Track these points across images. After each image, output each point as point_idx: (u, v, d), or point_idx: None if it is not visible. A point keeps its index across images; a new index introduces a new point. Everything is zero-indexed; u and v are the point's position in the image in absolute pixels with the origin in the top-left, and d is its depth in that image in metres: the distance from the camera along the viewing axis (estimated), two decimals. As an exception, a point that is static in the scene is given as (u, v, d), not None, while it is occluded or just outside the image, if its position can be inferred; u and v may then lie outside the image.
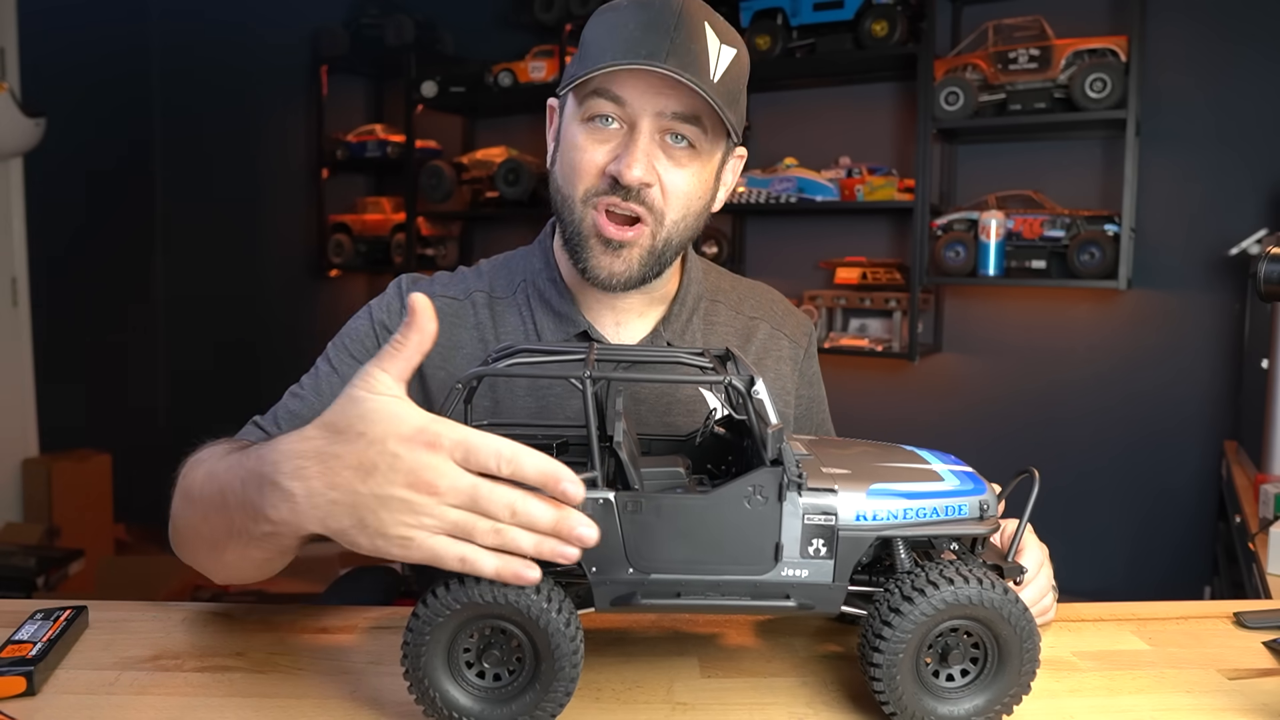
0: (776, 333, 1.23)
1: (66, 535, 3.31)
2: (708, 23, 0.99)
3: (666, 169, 1.00)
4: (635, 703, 0.80)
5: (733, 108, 1.00)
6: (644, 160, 0.98)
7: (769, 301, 1.26)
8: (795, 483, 0.73)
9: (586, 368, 0.75)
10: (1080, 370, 2.93)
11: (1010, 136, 2.97)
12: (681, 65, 0.94)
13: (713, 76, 0.97)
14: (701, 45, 0.97)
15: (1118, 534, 2.88)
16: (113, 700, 0.81)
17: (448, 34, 4.01)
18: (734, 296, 1.23)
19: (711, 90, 0.96)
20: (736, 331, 1.20)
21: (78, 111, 3.57)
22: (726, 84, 0.98)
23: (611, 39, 0.98)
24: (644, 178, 0.98)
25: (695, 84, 0.94)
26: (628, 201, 1.00)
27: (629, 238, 1.01)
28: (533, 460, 0.67)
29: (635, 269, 1.03)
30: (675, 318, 1.15)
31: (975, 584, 0.71)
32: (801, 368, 1.24)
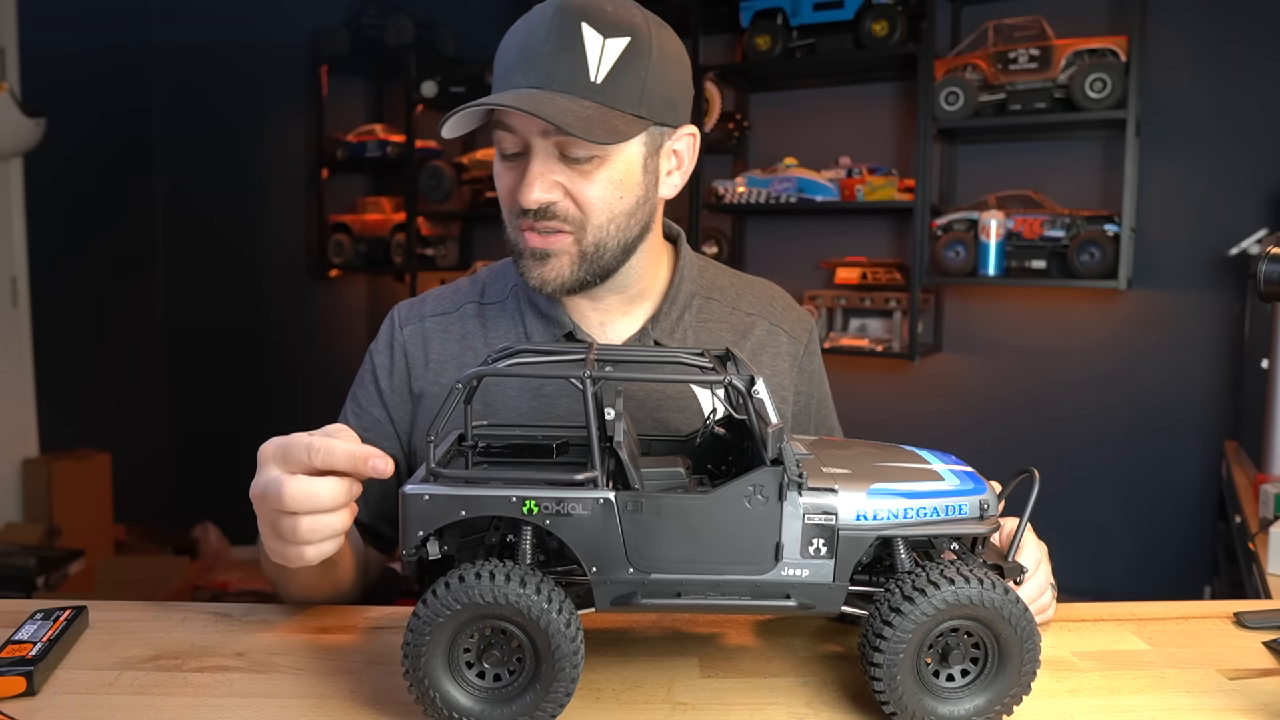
0: (775, 329, 1.22)
1: (66, 535, 3.31)
2: (586, 22, 0.97)
3: (573, 181, 1.01)
4: (635, 703, 0.80)
5: (628, 97, 0.98)
6: (537, 184, 1.00)
7: (768, 298, 1.25)
8: (796, 482, 0.73)
9: (587, 368, 0.75)
10: (1080, 370, 2.93)
11: (1010, 136, 2.97)
12: (550, 81, 0.95)
13: (594, 78, 0.96)
14: (577, 50, 0.96)
15: (1118, 534, 2.88)
16: (113, 700, 0.81)
17: (448, 34, 4.01)
18: (731, 293, 1.22)
19: (590, 93, 0.96)
20: (732, 328, 1.20)
21: (78, 111, 3.57)
22: (618, 76, 0.97)
23: (500, 65, 1.01)
24: (542, 199, 1.00)
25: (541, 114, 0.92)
26: (542, 221, 1.02)
27: (552, 246, 1.03)
28: (341, 447, 0.80)
29: (566, 274, 1.05)
30: (664, 315, 1.15)
31: (976, 584, 0.71)
32: (801, 364, 1.23)
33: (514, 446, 0.90)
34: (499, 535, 0.80)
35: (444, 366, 1.16)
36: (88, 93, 3.68)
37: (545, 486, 0.72)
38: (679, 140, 1.09)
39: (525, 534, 0.74)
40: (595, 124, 0.95)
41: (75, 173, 3.68)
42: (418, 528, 0.73)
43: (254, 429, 3.90)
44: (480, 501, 0.73)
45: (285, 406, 4.08)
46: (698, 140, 1.12)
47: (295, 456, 0.81)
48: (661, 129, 1.05)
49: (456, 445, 0.87)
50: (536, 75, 0.96)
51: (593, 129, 0.94)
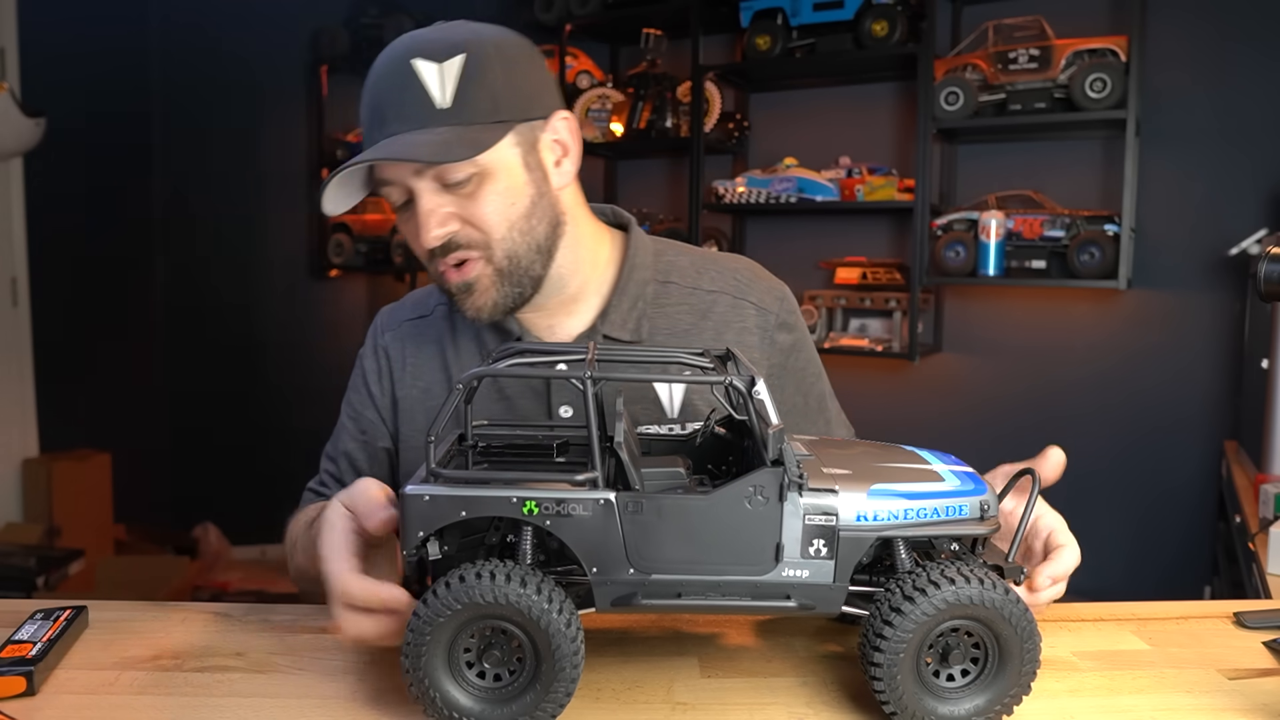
0: (740, 302, 1.17)
1: (66, 535, 3.31)
2: (416, 58, 0.98)
3: (463, 206, 1.01)
4: (635, 703, 0.80)
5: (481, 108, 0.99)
6: (431, 222, 1.00)
7: (731, 271, 1.20)
8: (796, 483, 0.73)
9: (587, 368, 0.75)
10: (1080, 370, 2.93)
11: (1010, 136, 2.97)
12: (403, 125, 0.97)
13: (442, 102, 0.97)
14: (416, 86, 0.97)
15: (1118, 534, 2.88)
16: (112, 700, 0.81)
17: (448, 34, 4.00)
18: (691, 273, 1.18)
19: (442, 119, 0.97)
20: (691, 309, 1.16)
21: (78, 112, 3.57)
22: (465, 93, 0.98)
23: (362, 125, 1.03)
24: (441, 234, 1.01)
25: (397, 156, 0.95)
26: (449, 255, 1.03)
27: (469, 275, 1.04)
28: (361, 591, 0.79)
29: (495, 296, 1.06)
30: (613, 309, 1.13)
31: (976, 584, 0.71)
32: (773, 336, 1.18)
33: (514, 446, 0.90)
34: (499, 535, 0.80)
35: (421, 370, 1.19)
36: (88, 93, 3.68)
37: (546, 487, 0.72)
38: (556, 129, 1.07)
39: (525, 534, 0.74)
40: (452, 145, 0.96)
41: (75, 173, 3.68)
42: (418, 528, 0.73)
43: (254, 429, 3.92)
44: (481, 502, 0.73)
45: (285, 406, 4.08)
46: (574, 122, 1.10)
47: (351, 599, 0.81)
48: (530, 124, 1.04)
49: (456, 445, 0.87)
50: (390, 124, 0.98)
51: (450, 150, 0.95)
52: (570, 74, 3.49)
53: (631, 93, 3.39)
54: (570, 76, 3.49)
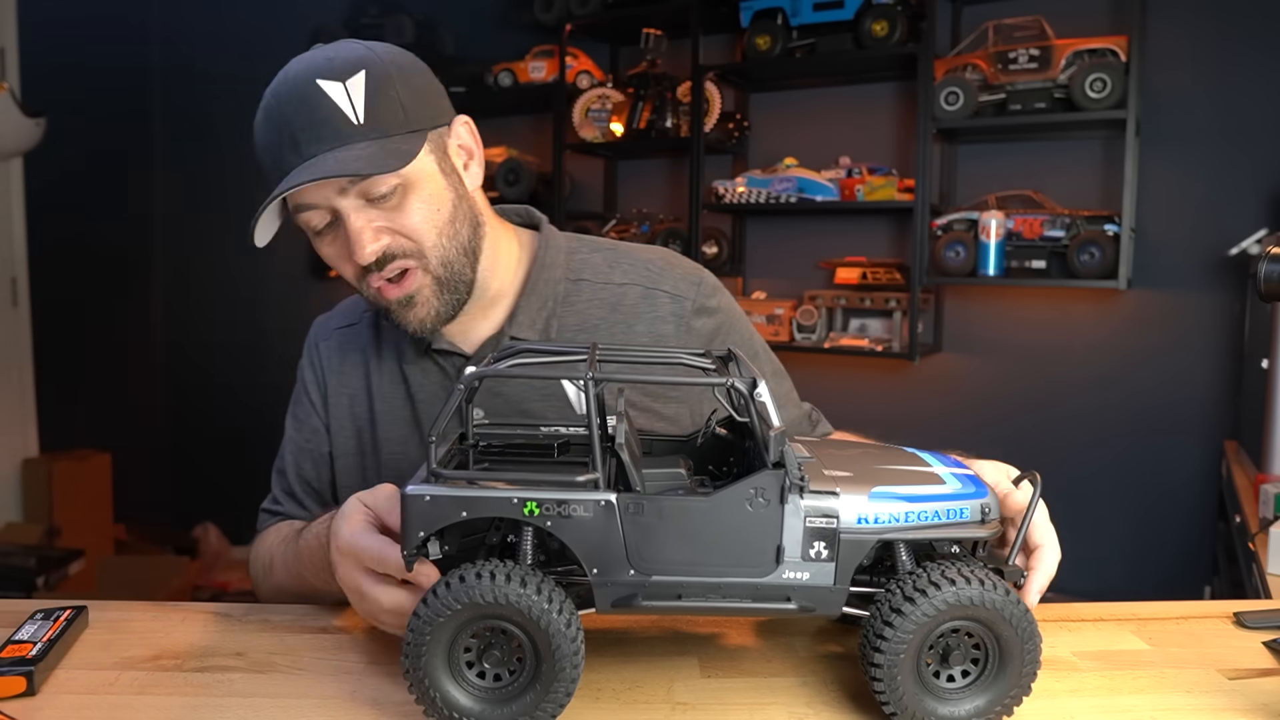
0: (652, 292, 1.16)
1: (66, 535, 3.31)
2: (318, 78, 0.97)
3: (393, 218, 1.02)
4: (635, 703, 0.80)
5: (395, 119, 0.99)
6: (365, 238, 1.00)
7: (644, 262, 1.19)
8: (797, 485, 0.73)
9: (589, 369, 0.75)
10: (1080, 370, 2.93)
11: (1010, 136, 2.97)
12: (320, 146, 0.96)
13: (356, 119, 0.97)
14: (327, 105, 0.97)
15: (1118, 534, 2.88)
16: (113, 700, 0.81)
17: (448, 34, 4.01)
18: (603, 268, 1.18)
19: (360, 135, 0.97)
20: (601, 303, 1.16)
21: (78, 111, 3.57)
22: (375, 107, 0.98)
23: (267, 161, 1.01)
24: (376, 249, 1.01)
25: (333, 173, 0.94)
26: (384, 269, 1.03)
27: (410, 287, 1.04)
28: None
29: (436, 305, 1.06)
30: (522, 310, 1.13)
31: (976, 585, 0.71)
32: (689, 322, 1.16)
33: (514, 446, 0.90)
34: (500, 535, 0.80)
35: (347, 378, 1.21)
36: (88, 93, 3.68)
37: (547, 488, 0.72)
38: (459, 134, 1.09)
39: (526, 534, 0.74)
40: (380, 156, 0.96)
41: (75, 173, 3.68)
42: (419, 528, 0.73)
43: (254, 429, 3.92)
44: (481, 503, 0.73)
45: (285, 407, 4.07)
46: (473, 125, 1.11)
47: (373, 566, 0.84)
48: (438, 131, 1.05)
49: (457, 445, 0.87)
50: (307, 148, 0.97)
51: (381, 162, 0.96)
52: (570, 74, 3.49)
53: (631, 93, 3.39)
54: (570, 76, 3.49)
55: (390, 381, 1.18)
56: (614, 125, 3.41)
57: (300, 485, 1.23)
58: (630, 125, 3.36)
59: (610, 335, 1.14)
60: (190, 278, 4.18)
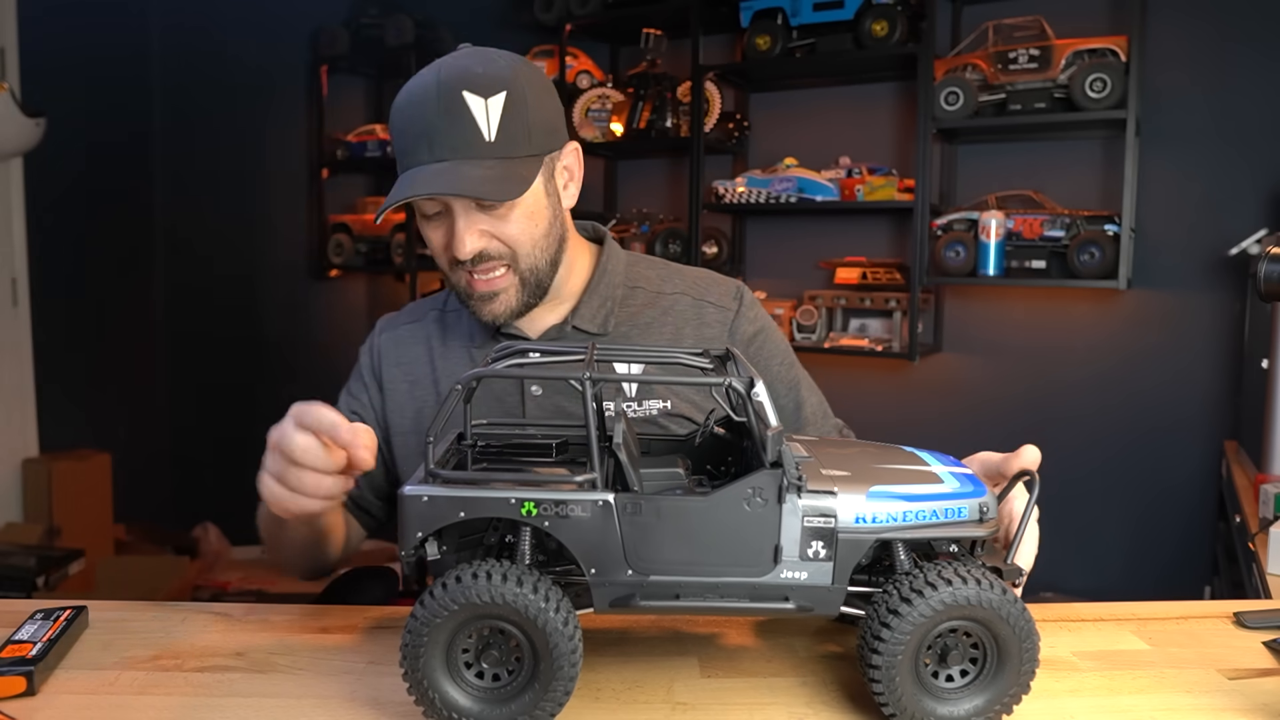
0: (699, 303, 1.30)
1: (66, 535, 3.31)
2: (465, 90, 1.06)
3: (496, 225, 1.13)
4: (635, 703, 0.80)
5: (519, 142, 1.09)
6: (467, 237, 1.11)
7: (692, 279, 1.34)
8: (795, 485, 0.73)
9: (587, 368, 0.75)
10: (1080, 370, 2.92)
11: (1010, 136, 2.97)
12: (452, 152, 1.06)
13: (489, 136, 1.07)
14: (467, 118, 1.06)
15: (1117, 534, 2.88)
16: (113, 700, 0.81)
17: (448, 34, 4.00)
18: (656, 281, 1.32)
19: (489, 152, 1.07)
20: (654, 308, 1.29)
21: (78, 111, 3.57)
22: (506, 128, 1.07)
23: (400, 144, 1.12)
24: (474, 250, 1.12)
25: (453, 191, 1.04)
26: (479, 266, 1.14)
27: (498, 285, 1.16)
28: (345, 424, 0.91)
29: (514, 302, 1.18)
30: (585, 305, 1.26)
31: (974, 585, 0.71)
32: (732, 327, 1.30)
33: (513, 446, 0.90)
34: (498, 536, 0.80)
35: (410, 366, 1.32)
36: (88, 93, 3.68)
37: (544, 488, 0.72)
38: (566, 158, 1.21)
39: (524, 535, 0.74)
40: (503, 181, 1.07)
41: (75, 173, 3.68)
42: (416, 528, 0.73)
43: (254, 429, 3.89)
44: (479, 503, 0.73)
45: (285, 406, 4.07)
46: (579, 151, 1.23)
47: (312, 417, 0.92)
48: (551, 154, 1.16)
49: (455, 445, 0.87)
50: (439, 150, 1.07)
51: (503, 188, 1.06)
52: (570, 74, 3.49)
53: (631, 93, 3.39)
54: (570, 76, 3.49)
55: (457, 363, 1.29)
56: (614, 125, 3.41)
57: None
58: (630, 125, 3.36)
59: (661, 336, 1.27)
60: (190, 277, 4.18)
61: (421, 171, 1.07)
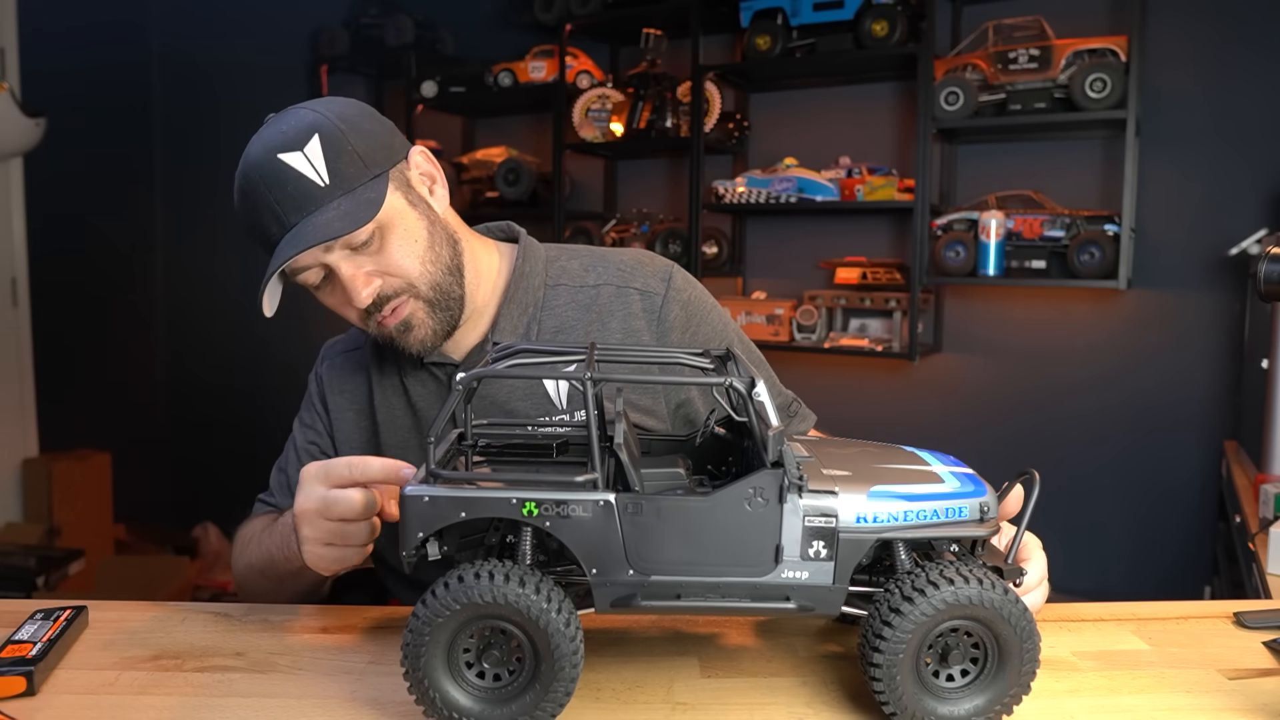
0: (623, 290, 1.23)
1: (66, 535, 3.31)
2: (279, 154, 1.04)
3: (380, 261, 1.09)
4: (635, 703, 0.80)
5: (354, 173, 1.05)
6: (358, 285, 1.08)
7: (616, 263, 1.26)
8: (796, 485, 0.73)
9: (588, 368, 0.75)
10: (1080, 370, 2.92)
11: (1010, 136, 2.97)
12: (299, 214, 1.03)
13: (323, 181, 1.04)
14: (292, 176, 1.03)
15: (1117, 534, 2.88)
16: (113, 700, 0.81)
17: (448, 34, 4.01)
18: (579, 273, 1.25)
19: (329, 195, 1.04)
20: (578, 305, 1.22)
21: (78, 111, 3.57)
22: (335, 165, 1.04)
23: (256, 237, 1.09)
24: (371, 293, 1.08)
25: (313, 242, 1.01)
26: (382, 309, 1.11)
27: (405, 315, 1.12)
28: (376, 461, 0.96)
29: (432, 325, 1.14)
30: (504, 318, 1.20)
31: (975, 584, 0.71)
32: (661, 313, 1.22)
33: (513, 446, 0.90)
34: (499, 536, 0.80)
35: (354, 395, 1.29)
36: (88, 93, 3.68)
37: (545, 488, 0.72)
38: (415, 163, 1.16)
39: (525, 535, 0.74)
40: (352, 213, 1.04)
41: (75, 173, 3.68)
42: (418, 529, 0.73)
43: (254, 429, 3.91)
44: (480, 503, 0.73)
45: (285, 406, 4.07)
46: (427, 152, 1.19)
47: (336, 473, 0.96)
48: (397, 167, 1.11)
49: (456, 445, 0.87)
50: (286, 218, 1.04)
51: (354, 218, 1.03)
52: (570, 74, 3.49)
53: (631, 93, 3.38)
54: (570, 76, 3.49)
55: (392, 394, 1.25)
56: (614, 125, 3.41)
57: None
58: (630, 125, 3.36)
59: (585, 334, 1.20)
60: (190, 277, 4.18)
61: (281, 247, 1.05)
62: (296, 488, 0.98)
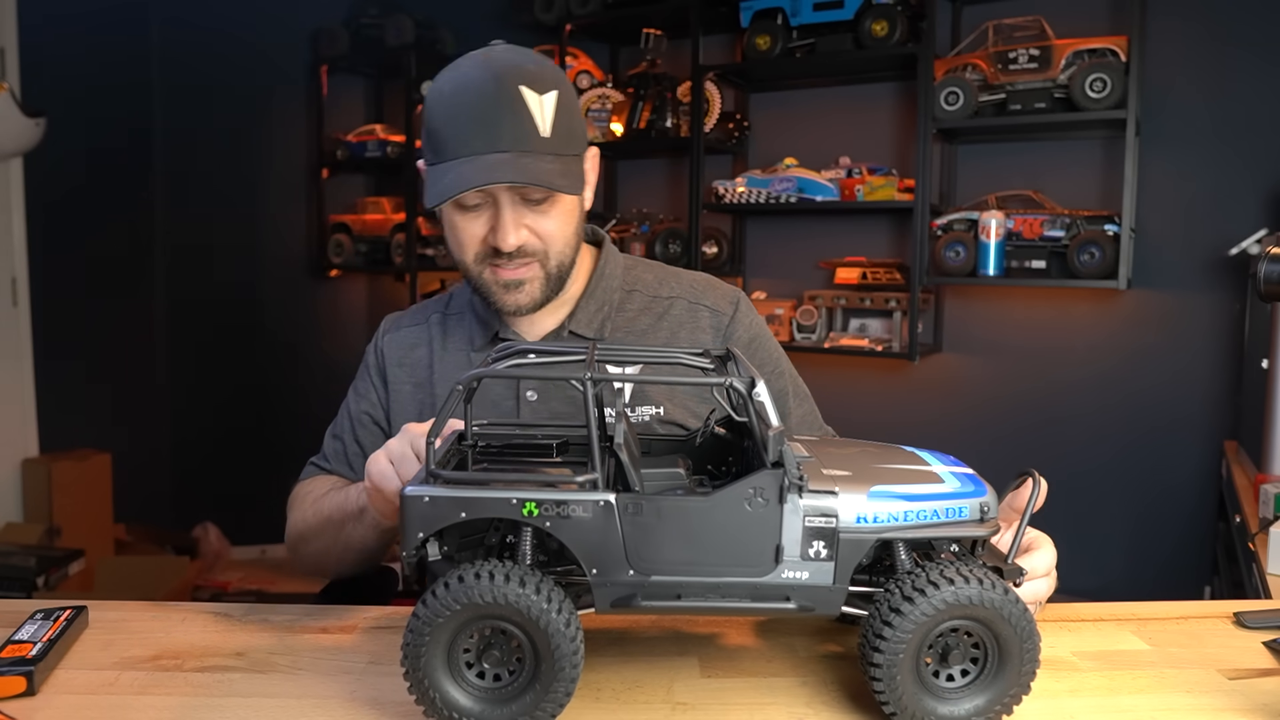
0: (695, 306, 1.31)
1: (66, 535, 3.31)
2: (523, 85, 1.08)
3: (535, 220, 1.15)
4: (635, 703, 0.80)
5: (570, 141, 1.12)
6: (512, 228, 1.13)
7: (689, 282, 1.35)
8: (796, 485, 0.73)
9: (588, 368, 0.75)
10: (1080, 370, 2.92)
11: (1010, 136, 2.97)
12: (511, 144, 1.08)
13: (544, 132, 1.09)
14: (525, 113, 1.08)
15: (1117, 534, 2.88)
16: (113, 700, 0.81)
17: (448, 34, 4.01)
18: (653, 284, 1.34)
19: (545, 147, 1.09)
20: (650, 313, 1.31)
21: (78, 112, 3.56)
22: (559, 126, 1.10)
23: (450, 131, 1.11)
24: (518, 242, 1.14)
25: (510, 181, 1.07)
26: (512, 260, 1.16)
27: (524, 275, 1.18)
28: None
29: (538, 294, 1.20)
30: (581, 310, 1.28)
31: (975, 584, 0.71)
32: (727, 332, 1.31)
33: (514, 446, 0.90)
34: (499, 536, 0.80)
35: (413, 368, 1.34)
36: (88, 93, 3.68)
37: (545, 488, 0.72)
38: (588, 160, 1.24)
39: (525, 535, 0.74)
40: (565, 176, 1.10)
41: (75, 173, 3.68)
42: (418, 529, 0.73)
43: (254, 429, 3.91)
44: (480, 503, 0.73)
45: (285, 406, 4.08)
46: (598, 156, 1.27)
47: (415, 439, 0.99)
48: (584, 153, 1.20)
49: (456, 445, 0.87)
50: (498, 140, 1.08)
51: (568, 182, 1.10)
52: (570, 74, 3.49)
53: (631, 93, 3.39)
54: (570, 76, 3.49)
55: (455, 367, 1.30)
56: (614, 125, 3.41)
57: (354, 445, 1.35)
58: (630, 125, 3.36)
59: (655, 340, 1.28)
60: (190, 277, 4.17)
61: (479, 161, 1.07)
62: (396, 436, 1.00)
